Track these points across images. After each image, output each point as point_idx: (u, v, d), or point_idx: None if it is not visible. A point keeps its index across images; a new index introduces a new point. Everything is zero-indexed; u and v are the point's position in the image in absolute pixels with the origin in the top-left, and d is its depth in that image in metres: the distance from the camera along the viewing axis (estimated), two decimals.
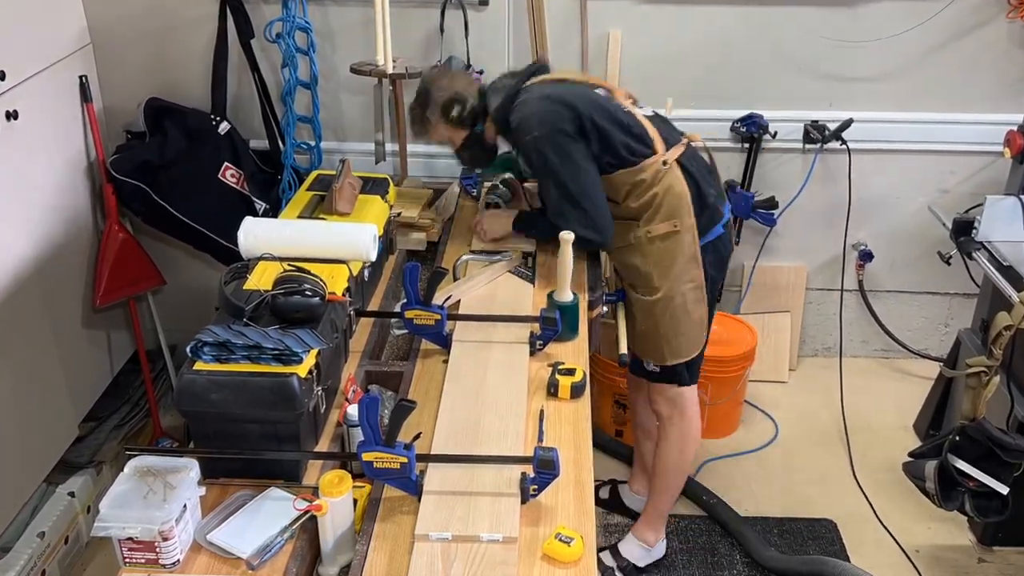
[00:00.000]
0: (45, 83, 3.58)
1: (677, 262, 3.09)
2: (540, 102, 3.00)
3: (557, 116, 2.95)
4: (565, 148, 2.95)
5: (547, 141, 2.95)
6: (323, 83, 4.05)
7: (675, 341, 3.21)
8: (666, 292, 3.12)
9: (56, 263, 3.65)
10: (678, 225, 3.06)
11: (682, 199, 3.05)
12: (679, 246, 3.08)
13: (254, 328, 2.24)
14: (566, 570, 2.03)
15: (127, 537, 1.97)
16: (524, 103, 3.03)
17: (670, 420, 3.40)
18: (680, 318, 3.17)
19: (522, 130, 3.00)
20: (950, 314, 4.78)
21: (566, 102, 2.98)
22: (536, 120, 2.97)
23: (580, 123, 2.95)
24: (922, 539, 3.77)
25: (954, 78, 4.24)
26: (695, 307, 3.17)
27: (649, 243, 3.09)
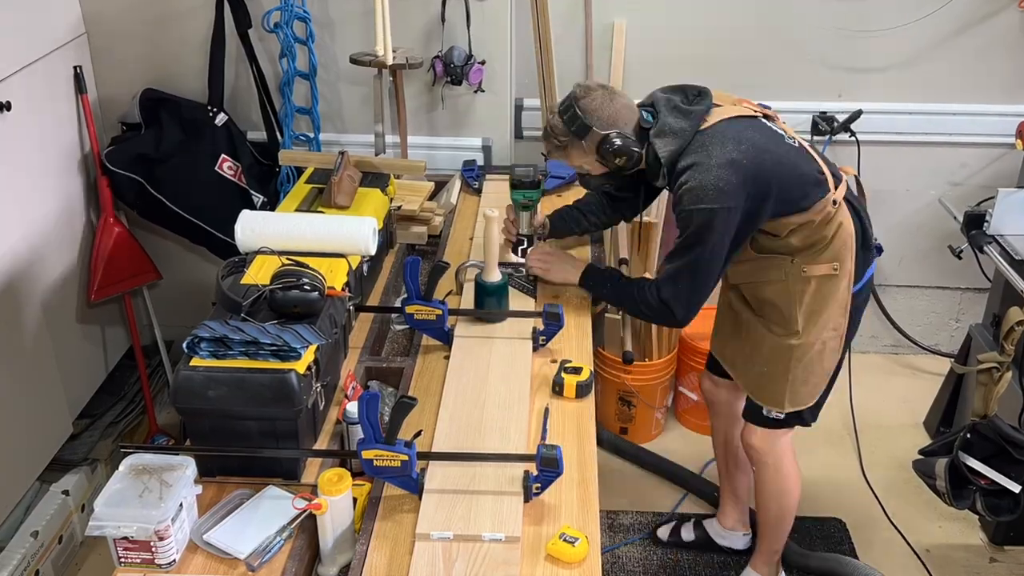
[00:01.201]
0: (38, 74, 3.57)
1: (828, 308, 2.87)
2: (722, 171, 2.66)
3: (737, 190, 2.66)
4: (728, 227, 2.71)
5: (715, 216, 2.67)
6: (322, 74, 4.04)
7: (801, 389, 3.01)
8: (807, 339, 2.91)
9: (50, 257, 3.64)
10: (838, 268, 2.83)
11: (849, 240, 2.83)
12: (834, 291, 2.86)
13: (252, 323, 2.24)
14: (570, 570, 2.03)
15: (122, 536, 1.97)
16: (704, 167, 2.68)
17: (764, 465, 3.23)
18: (813, 367, 2.97)
19: (694, 195, 2.67)
20: (961, 309, 4.77)
21: (751, 170, 2.68)
22: (714, 192, 2.65)
23: (759, 191, 2.70)
24: (932, 538, 3.77)
25: (965, 69, 4.23)
26: (831, 356, 2.98)
27: (803, 282, 2.84)
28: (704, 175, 2.66)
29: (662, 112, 2.82)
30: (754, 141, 2.73)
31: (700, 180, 2.66)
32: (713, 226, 2.67)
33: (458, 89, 4.02)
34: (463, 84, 3.95)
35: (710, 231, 2.68)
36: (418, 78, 4.02)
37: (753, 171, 2.68)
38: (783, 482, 3.26)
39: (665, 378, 4.20)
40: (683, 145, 2.75)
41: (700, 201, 2.66)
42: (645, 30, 4.17)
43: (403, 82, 3.88)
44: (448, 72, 3.91)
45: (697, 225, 2.69)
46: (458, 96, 4.07)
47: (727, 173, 2.65)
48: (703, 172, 2.67)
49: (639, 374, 4.07)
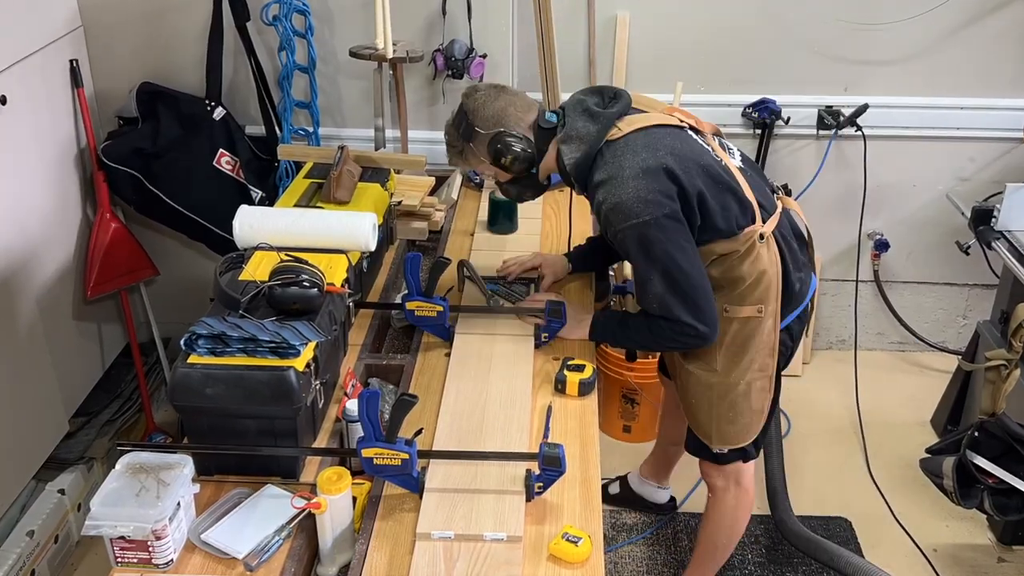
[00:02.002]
0: (34, 67, 3.57)
1: (750, 350, 2.73)
2: (638, 181, 2.49)
3: (661, 196, 2.48)
4: (672, 234, 2.51)
5: (652, 227, 2.49)
6: (321, 67, 4.04)
7: (728, 428, 2.87)
8: (729, 379, 2.77)
9: (46, 253, 3.64)
10: (762, 311, 2.69)
11: (775, 281, 2.68)
12: (758, 334, 2.72)
13: (250, 320, 2.24)
14: (573, 571, 2.03)
15: (119, 536, 1.96)
16: (618, 180, 2.52)
17: (725, 491, 3.10)
18: (739, 407, 2.82)
19: (620, 214, 2.50)
20: (968, 306, 4.77)
21: (668, 173, 2.51)
22: (638, 205, 2.48)
23: (684, 198, 2.52)
24: (940, 538, 3.77)
25: (974, 62, 4.22)
26: (759, 396, 2.82)
27: (724, 323, 2.68)
28: (620, 190, 2.51)
29: (570, 115, 2.69)
30: (672, 148, 2.57)
31: (619, 197, 2.51)
32: (651, 239, 2.50)
33: (459, 83, 4.01)
34: (464, 78, 3.95)
35: (652, 244, 2.51)
36: (419, 72, 4.02)
37: (671, 170, 2.51)
38: (738, 512, 3.16)
39: None
40: (590, 153, 2.60)
41: (627, 219, 2.50)
42: (648, 23, 4.17)
43: (403, 76, 3.88)
44: (449, 66, 3.91)
45: (637, 244, 2.52)
46: (459, 90, 4.02)
47: (645, 182, 2.50)
48: (619, 187, 2.52)
49: (642, 371, 4.07)
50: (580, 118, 2.65)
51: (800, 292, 2.80)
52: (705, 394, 2.83)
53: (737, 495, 3.09)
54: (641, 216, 2.47)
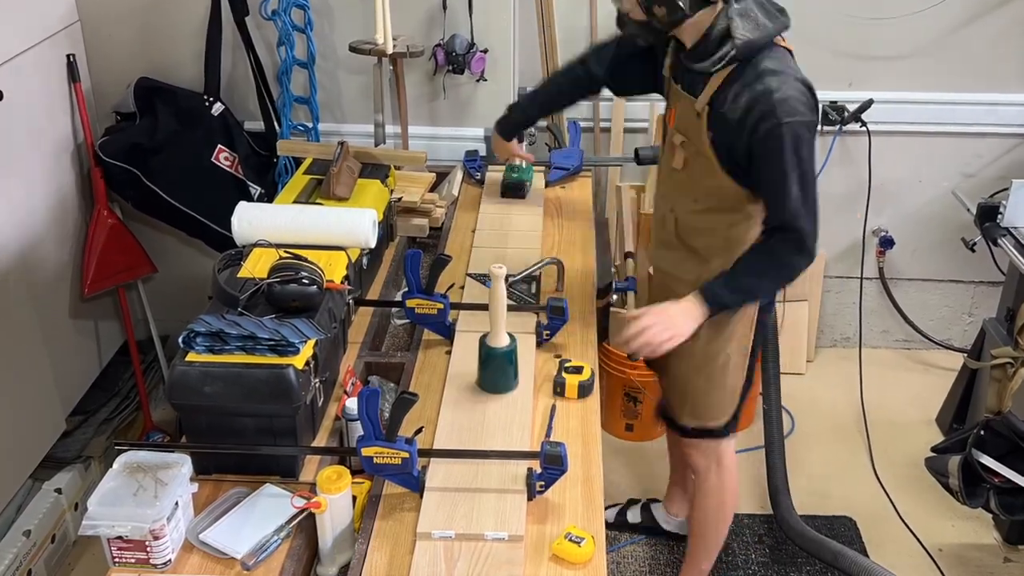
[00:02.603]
0: (31, 62, 3.57)
1: (732, 320, 2.79)
2: (803, 87, 2.52)
3: (814, 109, 2.54)
4: (813, 145, 2.55)
5: (809, 130, 2.50)
6: (321, 62, 4.03)
7: (700, 403, 2.95)
8: (710, 348, 2.83)
9: (42, 250, 3.64)
10: None
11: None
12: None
13: (249, 318, 2.24)
14: (575, 571, 2.03)
15: (116, 536, 1.96)
16: (788, 77, 2.51)
17: (707, 472, 3.13)
18: (715, 381, 2.90)
19: (788, 107, 2.46)
20: (974, 303, 4.77)
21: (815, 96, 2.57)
22: (804, 106, 2.48)
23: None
24: (945, 538, 3.77)
25: (980, 56, 4.22)
26: (733, 374, 2.89)
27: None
28: (791, 87, 2.49)
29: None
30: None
31: (792, 90, 2.48)
32: (804, 140, 2.49)
33: (460, 78, 4.01)
34: (465, 73, 3.94)
35: (803, 144, 2.49)
36: (419, 67, 4.01)
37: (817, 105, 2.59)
38: (724, 495, 3.18)
39: None
40: (764, 40, 2.53)
41: (792, 114, 2.45)
42: None
43: (403, 71, 3.88)
44: (450, 61, 3.90)
45: (792, 140, 2.47)
46: (460, 85, 4.07)
47: (808, 91, 2.53)
48: (790, 83, 2.50)
49: (645, 370, 4.05)
50: (757, 6, 2.56)
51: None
52: (688, 363, 2.88)
53: (720, 475, 3.12)
54: (805, 116, 2.48)
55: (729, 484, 3.16)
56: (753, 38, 2.51)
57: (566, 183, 3.76)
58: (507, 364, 2.50)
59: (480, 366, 2.52)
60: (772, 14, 2.57)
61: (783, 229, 2.58)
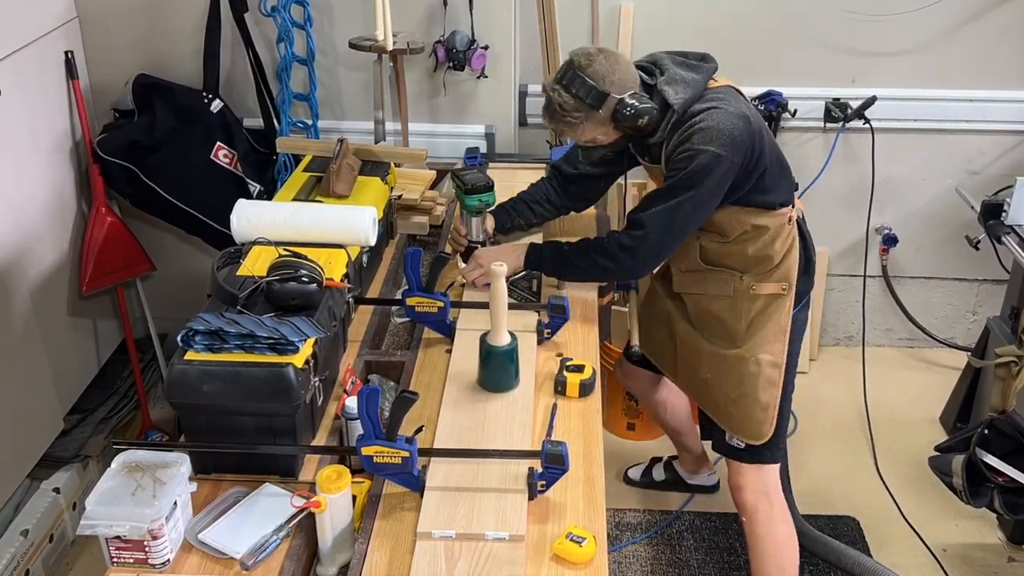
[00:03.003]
0: (29, 59, 3.56)
1: (768, 327, 2.88)
2: (737, 121, 2.66)
3: (743, 144, 2.65)
4: (721, 181, 2.67)
5: (721, 165, 2.64)
6: (320, 59, 4.03)
7: (733, 411, 2.96)
8: (745, 351, 2.89)
9: (40, 248, 3.63)
10: (786, 288, 2.86)
11: (796, 261, 2.86)
12: (778, 311, 2.88)
13: (248, 316, 2.24)
14: (576, 571, 2.02)
15: (115, 536, 1.96)
16: (722, 112, 2.67)
17: (756, 510, 3.08)
18: (745, 387, 2.91)
19: (706, 136, 2.64)
20: (978, 301, 4.76)
21: (755, 129, 2.71)
22: (726, 139, 2.63)
23: (752, 156, 2.70)
24: (949, 537, 3.76)
25: (984, 53, 4.21)
26: (765, 387, 2.90)
27: (750, 300, 2.87)
28: (721, 119, 2.65)
29: (668, 66, 2.78)
30: (756, 113, 2.77)
31: (717, 122, 2.64)
32: (712, 172, 2.64)
33: (460, 75, 4.01)
34: (465, 70, 3.94)
35: (707, 176, 2.65)
36: (419, 63, 4.01)
37: (756, 136, 2.70)
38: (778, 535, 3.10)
39: None
40: (695, 95, 2.72)
41: (710, 143, 2.63)
42: (653, 13, 4.16)
43: (404, 68, 3.87)
44: (450, 57, 3.90)
45: (698, 166, 2.64)
46: (460, 82, 4.06)
47: (742, 125, 2.65)
48: (720, 116, 2.65)
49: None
50: (680, 68, 2.77)
51: (812, 276, 3.00)
52: (717, 367, 2.95)
53: (771, 513, 3.07)
54: (723, 149, 2.62)
55: (781, 520, 3.10)
56: (687, 97, 2.71)
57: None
58: (508, 363, 2.50)
59: (481, 365, 2.52)
60: (694, 66, 2.79)
61: (628, 226, 2.80)
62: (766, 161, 2.74)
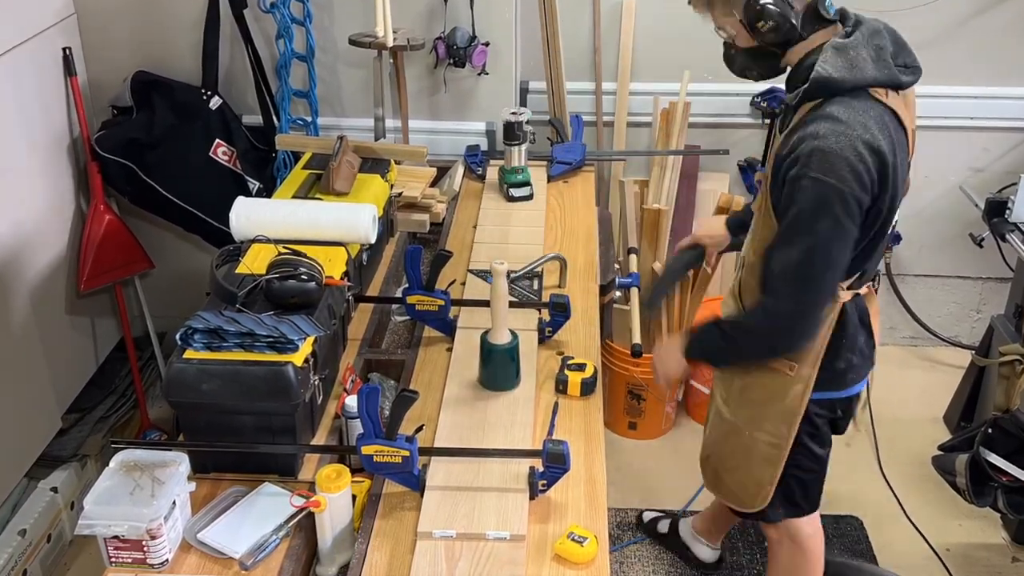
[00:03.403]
0: (26, 56, 3.56)
1: (766, 407, 2.61)
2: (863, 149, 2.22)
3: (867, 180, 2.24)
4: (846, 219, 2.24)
5: (841, 198, 2.22)
6: (320, 56, 4.02)
7: (726, 479, 2.82)
8: (735, 420, 2.72)
9: (38, 246, 3.63)
10: (793, 370, 2.53)
11: (816, 345, 2.49)
12: (781, 395, 2.58)
13: (247, 314, 2.23)
14: (578, 571, 2.02)
15: (113, 535, 1.96)
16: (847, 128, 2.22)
17: (779, 544, 2.97)
18: (738, 459, 2.74)
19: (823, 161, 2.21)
20: (982, 300, 4.76)
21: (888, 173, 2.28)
22: (847, 168, 2.20)
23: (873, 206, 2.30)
24: (953, 537, 3.77)
25: (989, 49, 4.21)
26: (759, 465, 2.69)
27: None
28: (842, 141, 2.21)
29: (860, 32, 2.35)
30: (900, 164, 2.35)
31: (837, 145, 2.20)
32: (831, 206, 2.22)
33: (461, 72, 4.00)
34: (466, 66, 3.93)
35: (828, 211, 2.22)
36: (419, 60, 4.01)
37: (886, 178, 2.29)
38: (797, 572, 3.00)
39: None
40: (847, 82, 2.27)
41: (823, 171, 2.20)
42: (655, 9, 4.15)
43: (404, 64, 3.87)
44: (451, 54, 3.89)
45: (813, 200, 2.23)
46: (461, 79, 4.06)
47: (868, 156, 2.22)
48: (843, 137, 2.21)
49: (649, 367, 4.05)
50: (868, 46, 2.31)
51: (846, 377, 2.62)
52: (716, 427, 2.83)
53: (793, 552, 2.96)
54: (841, 180, 2.20)
55: (802, 562, 2.96)
56: (834, 76, 2.26)
57: (568, 178, 3.76)
58: (509, 361, 2.50)
59: (481, 363, 2.52)
60: (884, 62, 2.32)
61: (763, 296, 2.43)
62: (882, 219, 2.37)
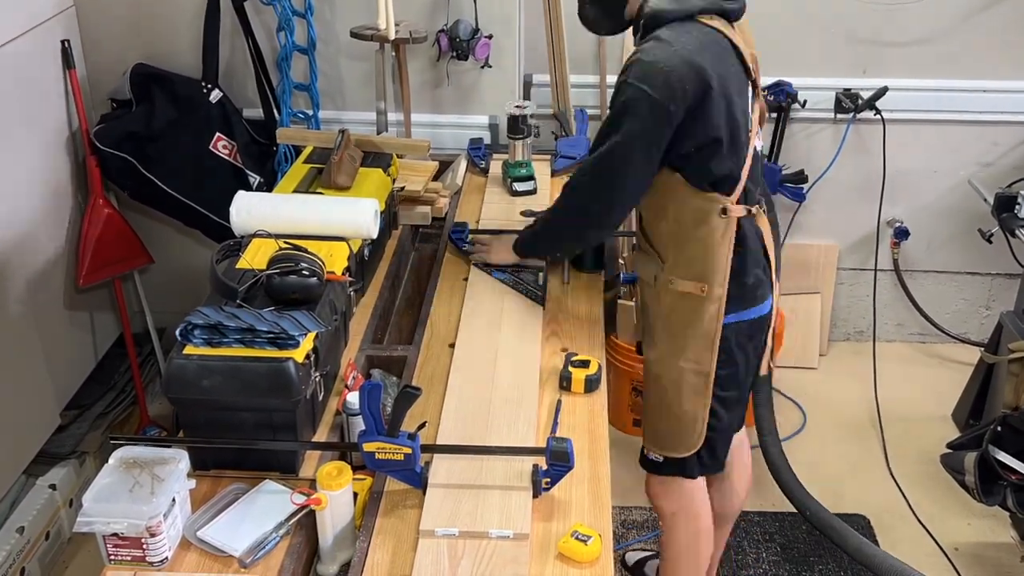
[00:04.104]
0: (24, 48, 3.56)
1: (686, 332, 2.65)
2: (678, 61, 2.38)
3: (679, 90, 2.38)
4: (652, 127, 2.43)
5: (647, 104, 2.39)
6: (321, 48, 4.02)
7: (658, 427, 2.81)
8: (662, 359, 2.72)
9: (36, 241, 3.63)
10: (705, 291, 2.59)
11: (721, 263, 2.58)
12: (697, 318, 2.62)
13: (248, 310, 2.23)
14: (581, 570, 2.02)
15: (112, 533, 1.96)
16: (666, 45, 2.40)
17: (675, 518, 2.95)
18: (668, 400, 2.73)
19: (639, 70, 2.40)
20: (991, 296, 4.76)
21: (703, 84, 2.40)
22: (659, 77, 2.37)
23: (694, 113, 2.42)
24: (961, 536, 3.76)
25: (997, 42, 4.21)
26: (690, 398, 2.69)
27: (667, 295, 2.66)
28: (660, 53, 2.40)
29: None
30: (727, 78, 2.48)
31: (655, 58, 2.39)
32: (640, 113, 2.41)
33: (464, 64, 3.99)
34: (469, 59, 3.92)
35: (635, 118, 2.42)
36: (422, 53, 4.00)
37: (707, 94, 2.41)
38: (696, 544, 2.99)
39: None
40: (675, 12, 2.46)
41: (643, 80, 2.38)
42: None
43: (406, 57, 3.87)
44: (454, 47, 3.89)
45: (625, 103, 2.43)
46: (464, 72, 4.06)
47: (685, 71, 2.38)
48: (664, 52, 2.40)
49: None
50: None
51: (755, 292, 2.69)
52: (645, 377, 2.82)
53: (688, 522, 2.95)
54: (652, 86, 2.38)
55: (702, 529, 2.97)
56: (662, 7, 2.46)
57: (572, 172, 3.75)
58: None
59: None
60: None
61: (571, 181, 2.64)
62: (714, 129, 2.45)
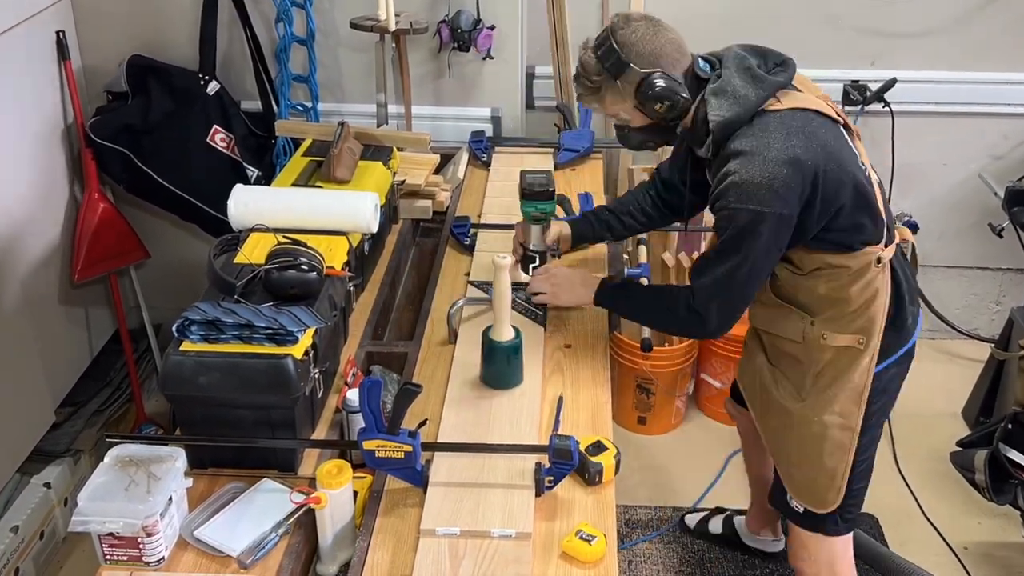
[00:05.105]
0: (19, 39, 3.56)
1: (836, 384, 2.59)
2: (779, 168, 2.33)
3: (792, 194, 2.34)
4: (776, 236, 2.40)
5: (767, 222, 2.35)
6: (320, 40, 4.02)
7: (796, 475, 2.73)
8: (807, 409, 2.64)
9: (31, 235, 3.63)
10: (863, 343, 2.54)
11: (880, 313, 2.53)
12: (851, 368, 2.57)
13: (246, 305, 2.23)
14: (585, 570, 2.02)
15: (108, 532, 1.96)
16: (759, 158, 2.35)
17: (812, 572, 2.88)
18: (807, 451, 2.67)
19: (744, 193, 2.35)
20: (1002, 291, 4.75)
21: (812, 174, 2.35)
22: (767, 194, 2.33)
23: (817, 204, 2.38)
24: (971, 535, 3.76)
25: (1008, 33, 4.20)
26: (832, 450, 2.64)
27: (820, 351, 2.58)
28: (757, 169, 2.34)
29: (729, 68, 2.50)
30: (827, 145, 2.42)
31: (752, 175, 2.33)
32: (759, 232, 2.36)
33: (466, 56, 3.99)
34: (471, 51, 3.92)
35: (754, 237, 2.37)
36: (423, 44, 4.00)
37: (813, 177, 2.36)
38: None
39: (685, 364, 4.18)
40: (741, 116, 2.42)
41: (748, 200, 2.33)
42: None
43: (407, 49, 3.86)
44: (455, 38, 3.89)
45: (740, 228, 2.37)
46: (465, 63, 4.05)
47: (786, 172, 2.33)
48: (757, 165, 2.34)
49: (658, 360, 4.06)
50: (739, 75, 2.48)
51: (910, 327, 2.69)
52: (783, 422, 2.72)
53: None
54: (763, 206, 2.33)
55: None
56: (728, 117, 2.43)
57: (576, 165, 3.76)
58: (512, 357, 2.48)
59: (483, 361, 2.50)
60: (758, 78, 2.49)
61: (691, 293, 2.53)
62: (836, 200, 2.40)
